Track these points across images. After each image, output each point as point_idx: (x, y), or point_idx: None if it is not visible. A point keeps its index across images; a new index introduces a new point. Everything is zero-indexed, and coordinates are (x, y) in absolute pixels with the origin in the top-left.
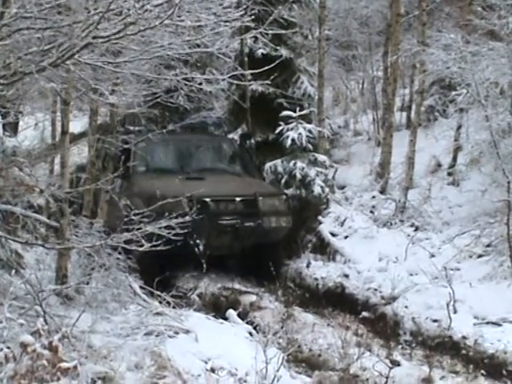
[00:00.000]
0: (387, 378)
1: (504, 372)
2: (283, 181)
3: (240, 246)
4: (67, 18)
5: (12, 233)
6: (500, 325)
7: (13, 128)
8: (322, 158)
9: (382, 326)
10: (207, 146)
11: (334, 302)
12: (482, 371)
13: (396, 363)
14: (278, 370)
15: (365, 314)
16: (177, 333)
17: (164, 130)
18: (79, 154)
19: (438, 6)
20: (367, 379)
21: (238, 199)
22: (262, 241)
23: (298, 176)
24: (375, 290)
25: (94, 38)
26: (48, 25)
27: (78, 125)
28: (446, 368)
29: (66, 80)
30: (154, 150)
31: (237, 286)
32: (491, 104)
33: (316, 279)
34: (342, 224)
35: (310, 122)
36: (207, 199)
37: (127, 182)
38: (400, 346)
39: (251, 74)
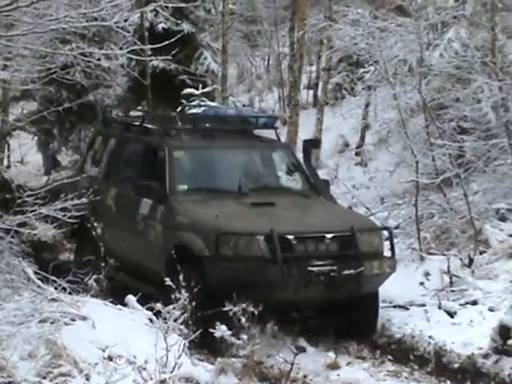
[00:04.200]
0: (292, 364)
1: (411, 357)
2: None
3: (330, 300)
4: None
5: None
6: (407, 308)
7: None
8: None
9: (287, 311)
10: (260, 156)
11: None
12: (389, 356)
13: (301, 349)
14: (179, 358)
15: None
16: (73, 320)
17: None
18: None
19: None
20: (272, 366)
21: (329, 236)
22: (357, 293)
23: None
24: None
25: None
26: None
27: None
28: (353, 354)
29: None
30: (193, 159)
31: None
32: (399, 82)
33: None
34: None
35: (213, 100)
36: (290, 236)
37: (164, 204)
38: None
39: (151, 49)
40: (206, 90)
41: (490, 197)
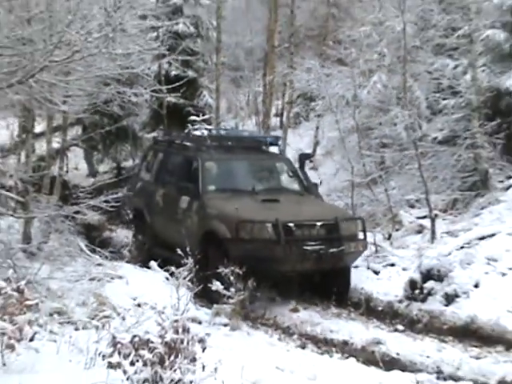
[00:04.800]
0: (266, 309)
1: (349, 303)
2: None
3: (319, 271)
4: (29, 47)
5: None
6: None
7: None
8: None
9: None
10: (267, 165)
11: None
12: (334, 303)
13: (273, 299)
14: (186, 305)
15: None
16: (112, 278)
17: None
18: (39, 148)
19: (301, 40)
20: (252, 310)
21: (319, 224)
22: (339, 266)
23: None
24: None
25: (49, 62)
26: (15, 52)
27: (38, 127)
28: (308, 302)
29: (29, 93)
30: (219, 167)
31: None
32: (340, 111)
33: None
34: None
35: (210, 124)
36: (290, 224)
37: (197, 200)
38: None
39: (167, 89)
40: (204, 117)
41: (403, 191)
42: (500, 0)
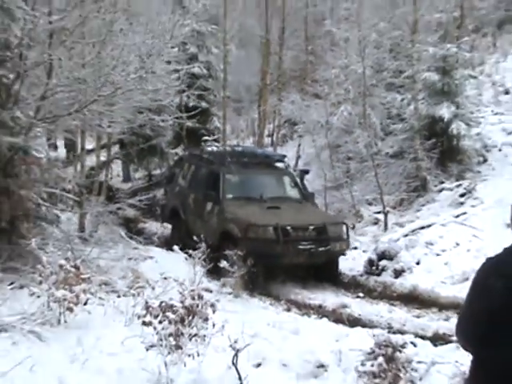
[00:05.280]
0: (260, 281)
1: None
2: None
3: (310, 264)
4: (83, 85)
5: (54, 204)
6: None
7: (54, 146)
8: None
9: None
10: (274, 178)
11: None
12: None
13: (265, 274)
14: (201, 278)
15: None
16: (145, 258)
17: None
18: (90, 160)
19: (287, 80)
20: (250, 281)
21: (310, 227)
22: (327, 260)
23: None
24: None
25: (98, 96)
26: (73, 89)
27: (90, 144)
28: (293, 277)
29: (83, 120)
30: (236, 179)
31: None
32: (316, 133)
33: None
34: None
35: (218, 143)
36: (288, 227)
37: (218, 206)
38: None
39: (186, 116)
40: (214, 137)
41: (364, 192)
42: (434, 51)
